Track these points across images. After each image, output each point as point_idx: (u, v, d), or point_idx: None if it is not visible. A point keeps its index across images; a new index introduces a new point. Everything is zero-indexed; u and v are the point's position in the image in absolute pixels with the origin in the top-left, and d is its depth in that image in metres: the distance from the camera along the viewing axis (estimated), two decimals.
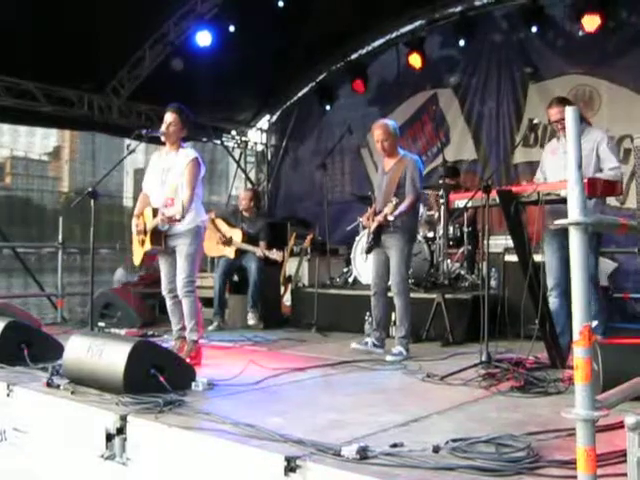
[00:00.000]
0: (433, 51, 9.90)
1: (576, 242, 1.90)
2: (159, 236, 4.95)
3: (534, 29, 8.70)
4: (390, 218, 5.24)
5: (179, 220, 4.74)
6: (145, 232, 4.98)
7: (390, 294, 5.45)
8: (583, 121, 4.90)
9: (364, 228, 6.07)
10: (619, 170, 4.75)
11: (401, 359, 5.12)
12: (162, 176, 5.09)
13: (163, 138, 5.07)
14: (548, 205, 4.38)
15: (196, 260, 5.02)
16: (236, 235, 7.78)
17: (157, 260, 5.35)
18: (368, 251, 5.55)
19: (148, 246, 4.97)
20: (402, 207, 5.26)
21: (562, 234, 4.24)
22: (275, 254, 7.51)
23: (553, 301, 4.78)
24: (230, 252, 7.72)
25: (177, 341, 5.10)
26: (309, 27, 9.16)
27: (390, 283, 5.42)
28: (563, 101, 5.02)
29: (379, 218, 5.34)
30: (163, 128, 5.03)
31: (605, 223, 2.46)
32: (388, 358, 5.15)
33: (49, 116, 9.37)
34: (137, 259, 5.25)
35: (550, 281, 4.82)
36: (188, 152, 5.07)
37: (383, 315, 5.54)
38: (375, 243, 5.42)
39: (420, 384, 4.24)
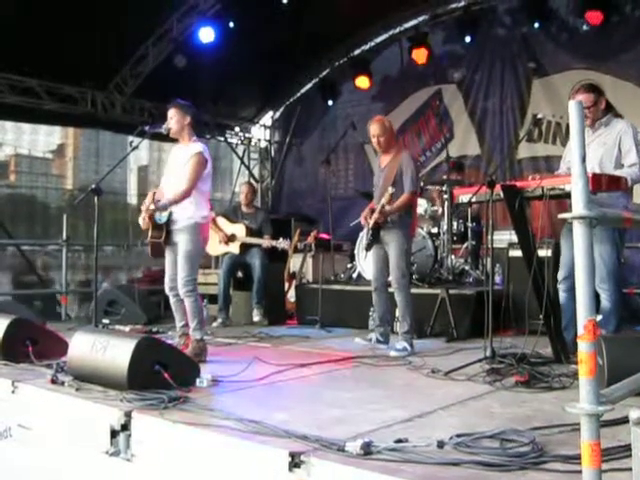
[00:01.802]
0: (437, 46, 9.88)
1: (580, 236, 1.89)
2: (159, 230, 4.96)
3: (538, 24, 8.67)
4: (387, 208, 5.23)
5: (164, 209, 4.82)
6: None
7: (391, 289, 5.46)
8: (610, 111, 4.71)
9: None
10: (637, 167, 4.43)
11: (405, 355, 5.12)
12: (172, 170, 5.15)
13: (170, 134, 5.07)
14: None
15: (195, 258, 4.97)
16: (239, 230, 7.78)
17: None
18: (368, 248, 5.56)
19: (148, 238, 5.04)
20: (399, 201, 5.26)
21: None
22: (283, 243, 7.49)
23: (562, 295, 4.75)
24: (235, 248, 7.72)
25: (181, 338, 5.10)
26: (312, 23, 9.15)
27: (390, 279, 5.42)
28: (591, 88, 4.69)
29: (375, 215, 5.32)
30: (166, 125, 5.05)
31: (610, 217, 2.44)
32: (392, 354, 5.14)
33: (52, 113, 9.39)
34: (150, 251, 5.23)
35: (560, 273, 4.77)
36: (194, 146, 5.04)
37: (386, 311, 5.55)
38: (374, 239, 5.42)
39: (424, 379, 4.23)
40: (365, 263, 7.22)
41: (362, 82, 10.44)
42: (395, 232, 5.36)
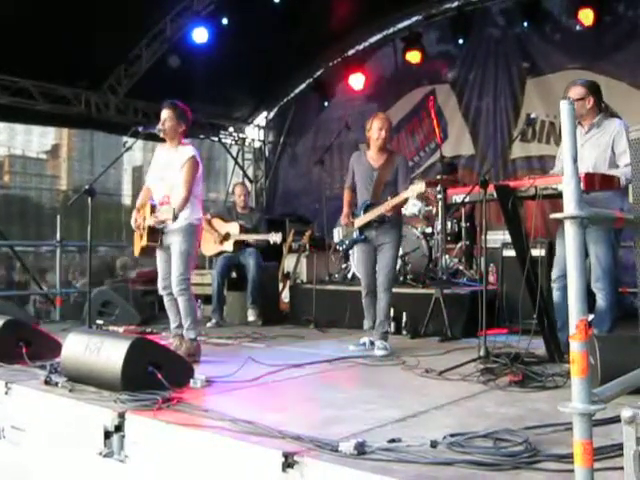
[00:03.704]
0: (430, 46, 9.90)
1: (571, 236, 1.89)
2: (156, 234, 4.96)
3: (531, 24, 8.70)
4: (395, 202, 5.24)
5: (173, 221, 4.77)
6: (143, 227, 4.99)
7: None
8: (602, 111, 4.66)
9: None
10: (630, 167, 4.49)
11: (388, 353, 5.15)
12: (162, 172, 5.11)
13: (161, 134, 5.07)
14: None
15: (190, 258, 4.98)
16: (233, 228, 7.76)
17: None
18: (347, 251, 5.57)
19: (144, 242, 5.00)
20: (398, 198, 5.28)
21: None
22: (274, 236, 7.45)
23: (555, 293, 4.74)
24: (229, 246, 7.70)
25: (175, 338, 5.09)
26: (306, 23, 9.14)
27: (381, 279, 5.36)
28: (584, 83, 4.66)
29: (386, 207, 5.25)
30: (159, 125, 5.04)
31: (602, 217, 2.45)
32: (381, 353, 5.15)
33: (46, 114, 9.37)
34: (136, 251, 5.25)
35: (554, 272, 4.75)
36: (187, 150, 5.03)
37: None
38: (366, 239, 5.43)
39: (418, 379, 4.23)
40: None
41: (356, 82, 10.44)
42: (394, 232, 5.38)
